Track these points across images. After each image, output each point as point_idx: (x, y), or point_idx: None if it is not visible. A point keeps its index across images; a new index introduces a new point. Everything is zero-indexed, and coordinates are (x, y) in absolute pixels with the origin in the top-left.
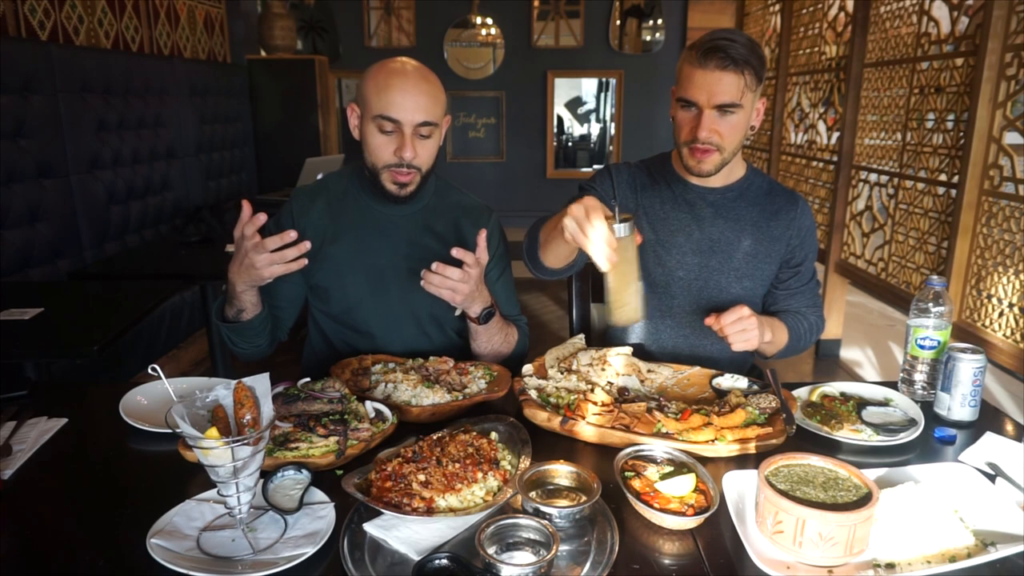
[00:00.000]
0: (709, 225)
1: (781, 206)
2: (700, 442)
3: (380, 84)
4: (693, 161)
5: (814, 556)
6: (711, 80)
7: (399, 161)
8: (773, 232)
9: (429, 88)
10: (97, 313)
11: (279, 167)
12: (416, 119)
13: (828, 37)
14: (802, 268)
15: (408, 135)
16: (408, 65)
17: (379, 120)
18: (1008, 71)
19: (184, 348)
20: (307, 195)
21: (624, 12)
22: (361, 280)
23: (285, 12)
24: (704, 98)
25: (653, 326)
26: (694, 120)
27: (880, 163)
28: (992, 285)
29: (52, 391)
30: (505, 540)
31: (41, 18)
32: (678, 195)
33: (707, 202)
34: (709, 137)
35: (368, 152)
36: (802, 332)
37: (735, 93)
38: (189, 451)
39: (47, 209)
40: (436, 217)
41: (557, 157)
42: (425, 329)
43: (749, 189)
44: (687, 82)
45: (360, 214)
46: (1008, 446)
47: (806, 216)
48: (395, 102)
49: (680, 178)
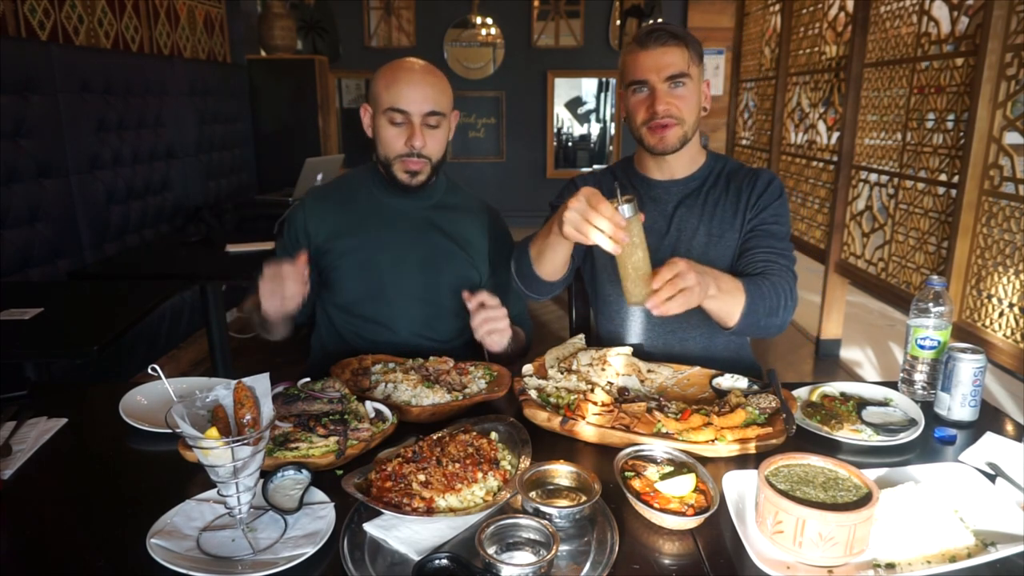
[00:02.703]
0: (676, 218)
1: (742, 181)
2: (700, 442)
3: (389, 80)
4: (654, 139)
5: (814, 556)
6: (656, 56)
7: (409, 151)
8: (737, 206)
9: (435, 81)
10: (97, 313)
11: (279, 167)
12: (423, 109)
13: (828, 37)
14: (760, 227)
15: (417, 125)
16: (416, 63)
17: (389, 113)
18: (1008, 71)
19: (184, 348)
20: (320, 193)
21: (624, 12)
22: (370, 272)
23: (285, 12)
24: (654, 74)
25: (642, 325)
26: (648, 99)
27: (880, 163)
28: (992, 285)
29: (52, 391)
30: (505, 540)
31: (41, 18)
32: (643, 195)
33: (671, 195)
34: (667, 110)
35: (381, 145)
36: (764, 291)
37: (682, 64)
38: (189, 451)
39: (47, 209)
40: (445, 214)
41: (557, 157)
42: (433, 321)
43: (711, 174)
44: (633, 66)
45: (371, 208)
46: (1008, 446)
47: (764, 182)
48: (403, 94)
49: (644, 177)
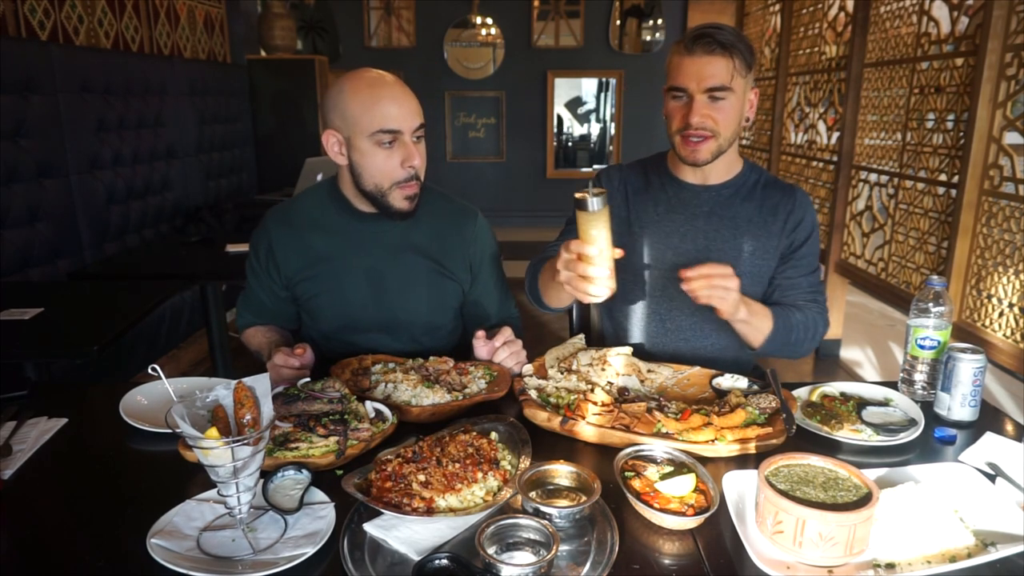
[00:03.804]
0: (704, 224)
1: (779, 200)
2: (700, 442)
3: (367, 100)
4: (687, 150)
5: (814, 556)
6: (699, 64)
7: (408, 175)
8: (771, 228)
9: (411, 92)
10: (97, 313)
11: (279, 167)
12: (414, 124)
13: (828, 37)
14: (797, 258)
15: (410, 143)
16: (385, 76)
17: (378, 136)
18: (1008, 71)
19: (184, 348)
20: (283, 220)
21: (624, 12)
22: (348, 304)
23: (285, 12)
24: (694, 84)
25: (653, 328)
26: (685, 107)
27: (880, 163)
28: (992, 285)
29: (52, 391)
30: (505, 540)
31: (41, 18)
32: (672, 196)
33: (702, 201)
34: (702, 122)
35: (369, 174)
36: (794, 323)
37: (725, 76)
38: (189, 451)
39: (47, 209)
40: (418, 227)
41: (557, 157)
42: (419, 338)
43: (745, 185)
44: (676, 71)
45: (340, 236)
46: (1008, 446)
47: (803, 207)
48: (390, 113)
49: (675, 178)
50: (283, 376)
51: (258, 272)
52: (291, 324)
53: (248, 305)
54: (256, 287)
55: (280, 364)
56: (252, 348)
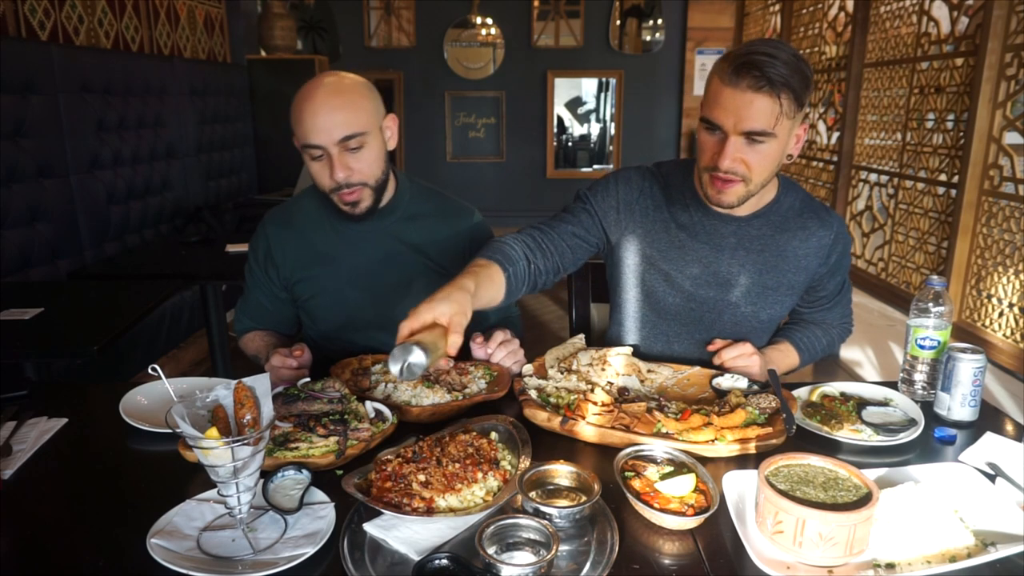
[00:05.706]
0: (729, 259)
1: (812, 231)
2: (700, 442)
3: (296, 114)
4: (712, 191)
5: (814, 556)
6: (741, 102)
7: (336, 184)
8: (800, 262)
9: (341, 101)
10: (97, 313)
11: (279, 167)
12: (335, 137)
13: (828, 37)
14: (830, 288)
15: (335, 156)
16: (319, 86)
17: (306, 150)
18: (1008, 71)
19: (184, 348)
20: (281, 221)
21: (624, 12)
22: (344, 305)
23: (285, 12)
24: (730, 122)
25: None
26: (717, 146)
27: (880, 163)
28: (992, 285)
29: (52, 391)
30: (505, 540)
31: (41, 18)
32: (696, 221)
33: (729, 231)
34: (732, 167)
35: (315, 180)
36: (818, 350)
37: (767, 120)
38: (189, 451)
39: (47, 209)
40: (412, 225)
41: (557, 157)
42: None
43: (778, 213)
44: (713, 101)
45: (333, 237)
46: (1008, 446)
47: (841, 240)
48: (309, 128)
49: (700, 201)
50: (281, 377)
51: (257, 274)
52: (290, 329)
53: (246, 310)
54: (255, 290)
55: (278, 365)
56: (250, 353)
